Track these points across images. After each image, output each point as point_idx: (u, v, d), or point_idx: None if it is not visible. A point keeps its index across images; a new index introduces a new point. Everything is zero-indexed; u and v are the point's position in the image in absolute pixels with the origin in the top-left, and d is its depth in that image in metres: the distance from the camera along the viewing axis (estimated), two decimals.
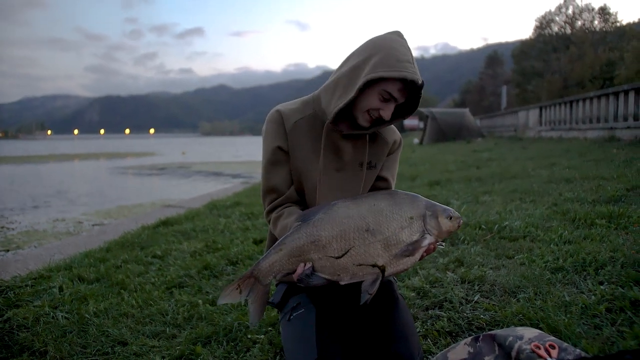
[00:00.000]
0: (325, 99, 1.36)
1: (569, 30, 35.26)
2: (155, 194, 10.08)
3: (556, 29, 36.14)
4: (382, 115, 1.30)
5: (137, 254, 3.49)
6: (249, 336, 1.94)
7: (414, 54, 1.28)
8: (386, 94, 1.26)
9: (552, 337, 1.12)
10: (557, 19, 36.14)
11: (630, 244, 2.49)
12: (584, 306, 1.82)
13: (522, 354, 1.06)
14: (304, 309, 1.39)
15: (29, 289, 2.71)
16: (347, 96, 1.27)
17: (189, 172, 16.98)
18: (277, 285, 1.56)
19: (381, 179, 1.52)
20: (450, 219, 1.22)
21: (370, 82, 1.24)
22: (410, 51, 1.26)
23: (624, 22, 33.67)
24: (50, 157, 29.98)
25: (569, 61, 31.76)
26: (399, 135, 1.52)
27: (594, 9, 34.54)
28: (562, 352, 1.05)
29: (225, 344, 1.91)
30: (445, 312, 2.00)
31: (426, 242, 1.19)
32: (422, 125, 28.40)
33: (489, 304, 2.01)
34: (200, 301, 2.35)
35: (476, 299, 2.09)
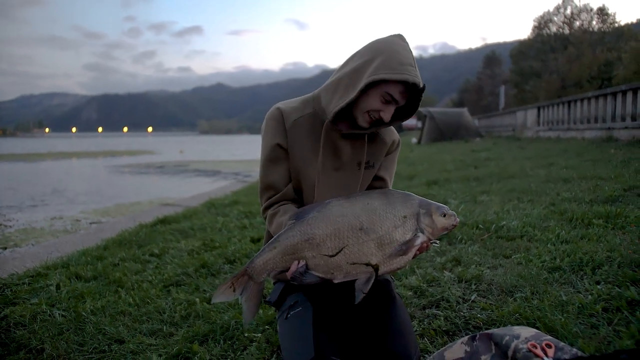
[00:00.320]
0: (325, 98, 1.37)
1: (567, 30, 35.28)
2: (153, 193, 10.05)
3: (554, 29, 36.15)
4: (382, 116, 1.31)
5: (134, 252, 3.49)
6: (246, 334, 1.94)
7: (413, 53, 1.28)
8: (387, 96, 1.27)
9: (549, 337, 1.12)
10: (556, 19, 36.17)
11: (627, 243, 2.50)
12: (580, 306, 1.82)
13: (519, 353, 1.06)
14: (301, 307, 1.38)
15: (26, 286, 2.71)
16: (348, 96, 1.27)
17: (187, 170, 16.95)
18: (275, 284, 1.57)
19: (379, 178, 1.52)
20: (444, 216, 1.22)
21: (372, 84, 1.24)
22: (412, 54, 1.27)
23: (622, 23, 33.76)
24: (48, 155, 29.88)
25: (567, 61, 31.80)
26: (397, 135, 1.53)
27: (592, 10, 34.60)
28: (559, 351, 1.06)
29: (222, 342, 1.91)
30: (442, 311, 2.00)
31: (419, 241, 1.19)
32: (420, 124, 28.41)
33: (486, 303, 2.01)
34: (197, 299, 2.35)
35: (473, 298, 2.09)
